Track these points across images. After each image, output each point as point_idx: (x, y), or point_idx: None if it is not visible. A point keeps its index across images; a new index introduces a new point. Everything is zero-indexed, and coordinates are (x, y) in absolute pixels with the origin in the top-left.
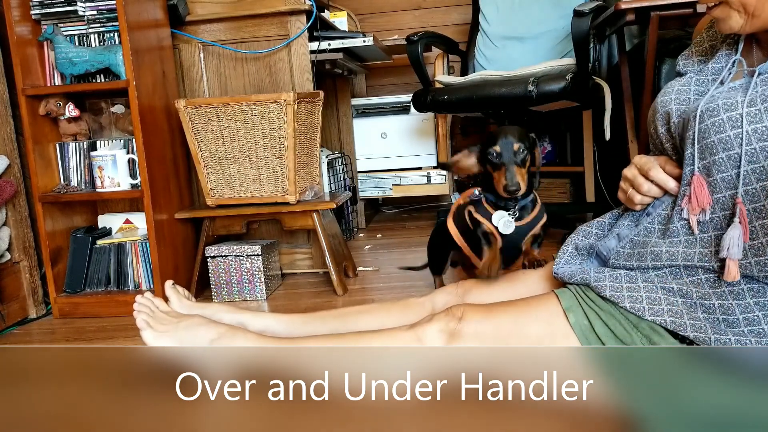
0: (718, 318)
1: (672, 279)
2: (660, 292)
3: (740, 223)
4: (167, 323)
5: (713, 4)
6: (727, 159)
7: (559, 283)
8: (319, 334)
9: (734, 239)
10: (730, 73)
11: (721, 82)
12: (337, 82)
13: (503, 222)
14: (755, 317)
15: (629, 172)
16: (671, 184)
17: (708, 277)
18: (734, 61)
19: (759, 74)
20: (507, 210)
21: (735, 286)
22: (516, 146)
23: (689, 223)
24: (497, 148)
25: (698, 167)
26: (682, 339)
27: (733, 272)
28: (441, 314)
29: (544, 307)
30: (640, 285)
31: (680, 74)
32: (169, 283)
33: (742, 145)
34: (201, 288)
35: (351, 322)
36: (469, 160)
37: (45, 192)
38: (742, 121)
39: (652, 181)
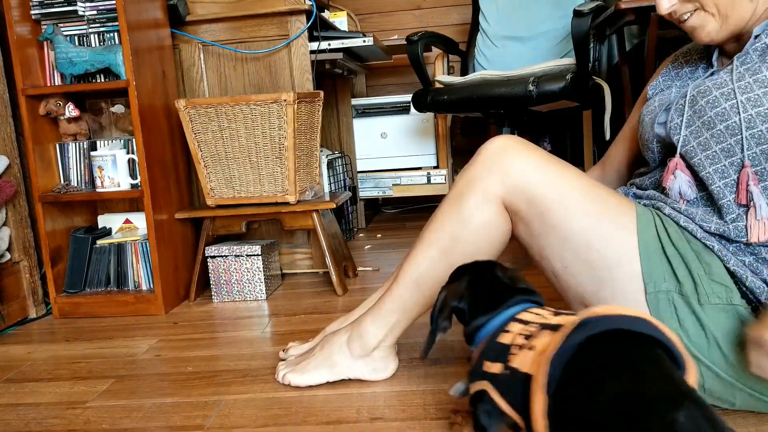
0: (753, 270)
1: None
2: (712, 227)
3: (755, 184)
4: (303, 360)
5: (688, 15)
6: (725, 129)
7: None
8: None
9: (761, 199)
10: (708, 73)
11: (699, 78)
12: (337, 82)
13: None
14: None
15: None
16: None
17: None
18: (712, 72)
19: (738, 60)
20: None
21: (758, 254)
22: None
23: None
24: None
25: (692, 146)
26: (727, 269)
27: (756, 233)
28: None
29: (616, 193)
30: (695, 217)
31: (648, 98)
32: (282, 355)
33: (739, 113)
34: (201, 288)
35: None
36: None
37: (45, 192)
38: (734, 93)
39: None
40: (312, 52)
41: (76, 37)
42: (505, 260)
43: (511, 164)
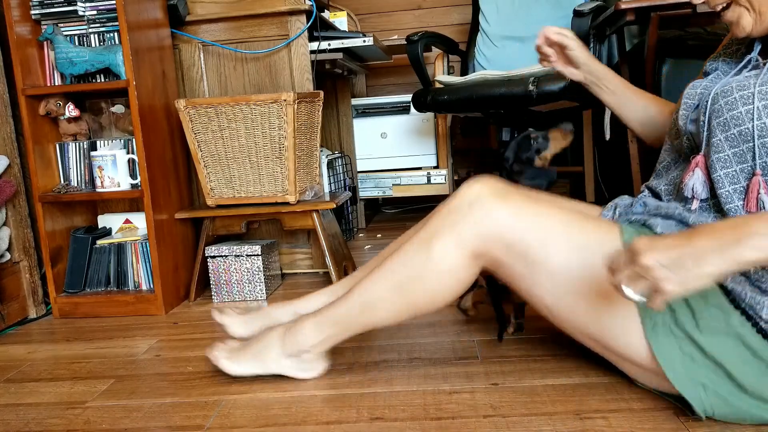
0: (752, 281)
1: None
2: None
3: (767, 193)
4: (241, 349)
5: (722, 7)
6: (738, 134)
7: None
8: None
9: None
10: (746, 68)
11: (738, 72)
12: (337, 82)
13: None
14: None
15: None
16: None
17: None
18: (749, 59)
19: None
20: None
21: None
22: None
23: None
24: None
25: (708, 145)
26: (721, 287)
27: None
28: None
29: (600, 222)
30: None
31: (707, 73)
32: (215, 314)
33: (753, 119)
34: (201, 288)
35: None
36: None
37: (45, 192)
38: (753, 98)
39: None
40: (312, 52)
41: (76, 37)
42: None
43: (487, 214)
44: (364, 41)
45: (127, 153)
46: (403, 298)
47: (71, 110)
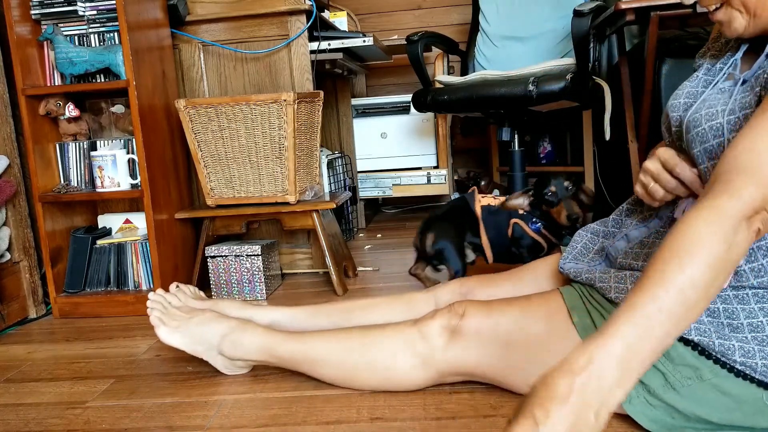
0: (722, 322)
1: None
2: None
3: None
4: (179, 319)
5: (715, 7)
6: (712, 168)
7: (564, 281)
8: (324, 329)
9: None
10: (724, 75)
11: (714, 85)
12: (337, 82)
13: None
14: (759, 323)
15: (653, 165)
16: (697, 184)
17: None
18: (732, 62)
19: (743, 82)
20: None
21: (740, 290)
22: (566, 184)
23: None
24: (552, 188)
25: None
26: (686, 342)
27: None
28: (443, 310)
29: (547, 306)
30: None
31: (695, 70)
32: (173, 287)
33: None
34: (201, 288)
35: (355, 317)
36: (518, 201)
37: (45, 192)
38: (723, 130)
39: (677, 179)
40: (312, 52)
41: (76, 37)
42: None
43: (444, 354)
44: (364, 41)
45: (127, 153)
46: (353, 376)
47: (71, 110)
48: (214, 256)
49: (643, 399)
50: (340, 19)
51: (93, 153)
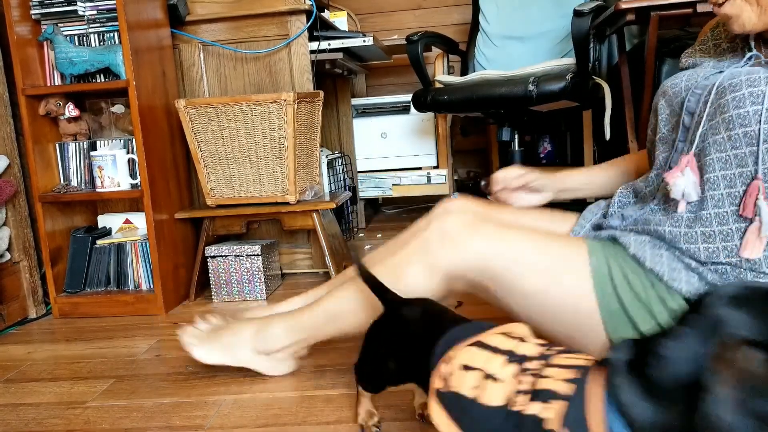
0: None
1: (689, 258)
2: (680, 264)
3: (765, 199)
4: (210, 336)
5: (722, 1)
6: (743, 135)
7: None
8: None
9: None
10: (749, 62)
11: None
12: (337, 82)
13: None
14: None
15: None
16: None
17: (723, 268)
18: (751, 56)
19: None
20: None
21: (743, 277)
22: None
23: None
24: None
25: (708, 142)
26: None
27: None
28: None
29: (567, 241)
30: (662, 252)
31: (685, 68)
32: (197, 318)
33: (760, 121)
34: (201, 288)
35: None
36: None
37: (45, 192)
38: (764, 98)
39: None
40: (312, 52)
41: (76, 37)
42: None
43: (457, 247)
44: (364, 41)
45: (127, 153)
46: (369, 312)
47: (71, 110)
48: (214, 256)
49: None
50: (340, 19)
51: (93, 153)
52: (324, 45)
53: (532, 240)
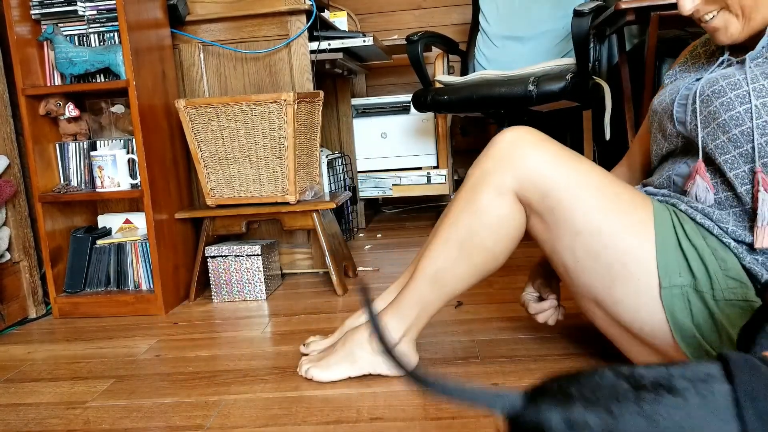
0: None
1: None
2: (727, 226)
3: (766, 190)
4: (326, 357)
5: (712, 15)
6: (740, 134)
7: None
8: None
9: (765, 205)
10: (721, 65)
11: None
12: (337, 82)
13: None
14: None
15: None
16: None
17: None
18: (722, 60)
19: (751, 60)
20: None
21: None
22: None
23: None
24: None
25: (711, 148)
26: (742, 266)
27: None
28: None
29: (633, 190)
30: (712, 215)
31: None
32: (302, 347)
33: (753, 119)
34: (201, 288)
35: None
36: None
37: (45, 192)
38: (749, 97)
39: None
40: (312, 52)
41: (76, 37)
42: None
43: (523, 158)
44: (364, 41)
45: (127, 153)
46: (465, 261)
47: (71, 110)
48: (214, 256)
49: (688, 290)
50: (340, 19)
51: (93, 153)
52: (324, 45)
53: (600, 178)
